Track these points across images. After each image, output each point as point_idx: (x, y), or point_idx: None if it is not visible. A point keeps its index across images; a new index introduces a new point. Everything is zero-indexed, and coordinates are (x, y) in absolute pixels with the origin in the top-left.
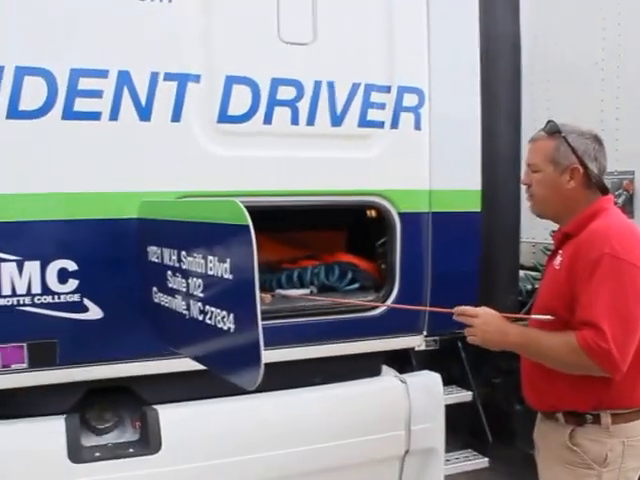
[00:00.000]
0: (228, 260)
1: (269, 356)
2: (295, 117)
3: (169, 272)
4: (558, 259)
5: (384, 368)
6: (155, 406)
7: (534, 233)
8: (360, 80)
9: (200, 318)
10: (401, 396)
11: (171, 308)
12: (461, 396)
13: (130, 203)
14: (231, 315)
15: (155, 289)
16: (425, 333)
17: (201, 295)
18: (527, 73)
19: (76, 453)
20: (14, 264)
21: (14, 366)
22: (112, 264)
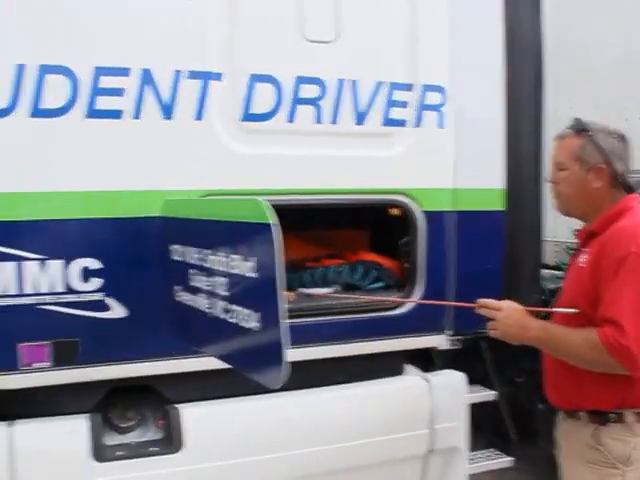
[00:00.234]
0: (252, 259)
1: (292, 355)
2: (318, 115)
3: (192, 271)
4: (583, 257)
5: (407, 367)
6: (178, 405)
7: (557, 232)
8: (383, 78)
9: (223, 317)
10: (424, 395)
11: (194, 307)
12: (484, 395)
13: (153, 201)
14: (255, 314)
15: (178, 288)
16: (448, 333)
17: (225, 294)
18: (550, 72)
19: (99, 452)
20: (37, 263)
21: (37, 365)
22: (135, 263)
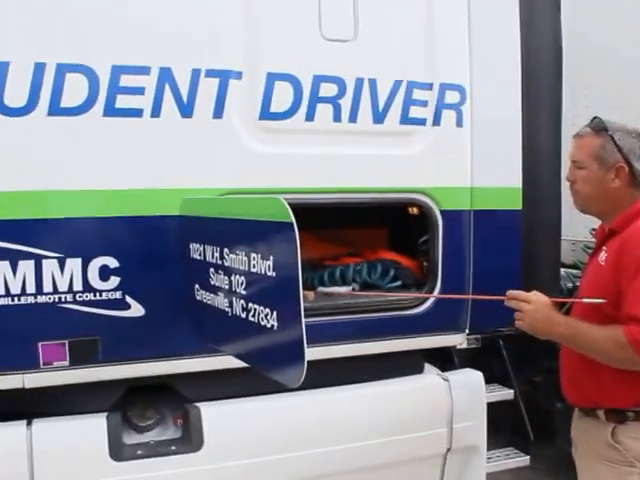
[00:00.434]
0: (271, 257)
1: (311, 354)
2: (337, 114)
3: (211, 269)
4: (602, 255)
5: (426, 366)
6: (197, 404)
7: (574, 231)
8: (402, 77)
9: (243, 315)
10: (443, 394)
11: (213, 305)
12: (503, 394)
13: (172, 200)
14: (274, 312)
15: (197, 286)
16: (467, 331)
17: (244, 292)
18: (567, 70)
19: (118, 451)
20: (56, 261)
21: (56, 363)
22: (154, 261)
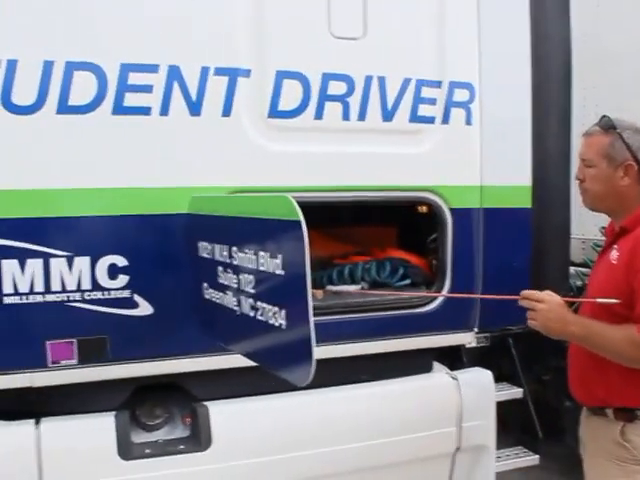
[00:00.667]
0: (280, 256)
1: (320, 352)
2: (346, 112)
3: (220, 268)
4: (614, 253)
5: (435, 365)
6: (205, 402)
7: (584, 229)
8: (411, 75)
9: (251, 314)
10: (452, 393)
11: (222, 304)
12: (512, 393)
13: (180, 198)
14: (283, 311)
15: (206, 285)
16: (476, 330)
17: (252, 291)
18: (577, 70)
19: (126, 450)
20: (64, 260)
21: (64, 362)
22: (162, 260)
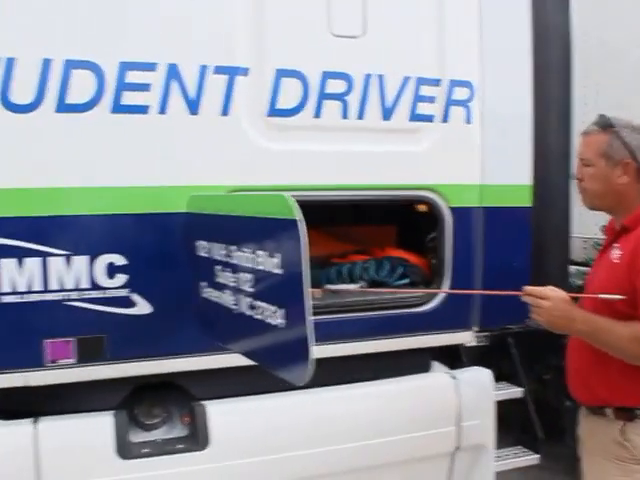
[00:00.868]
0: (278, 255)
1: (318, 352)
2: (345, 111)
3: (218, 267)
4: (616, 252)
5: (434, 364)
6: (204, 402)
7: (584, 228)
8: (410, 73)
9: (249, 313)
10: (451, 392)
11: (220, 303)
12: (511, 392)
13: (179, 197)
14: (281, 310)
15: (204, 284)
16: (475, 329)
17: (250, 290)
18: (578, 67)
19: (124, 449)
20: (62, 259)
21: (62, 361)
22: (161, 259)
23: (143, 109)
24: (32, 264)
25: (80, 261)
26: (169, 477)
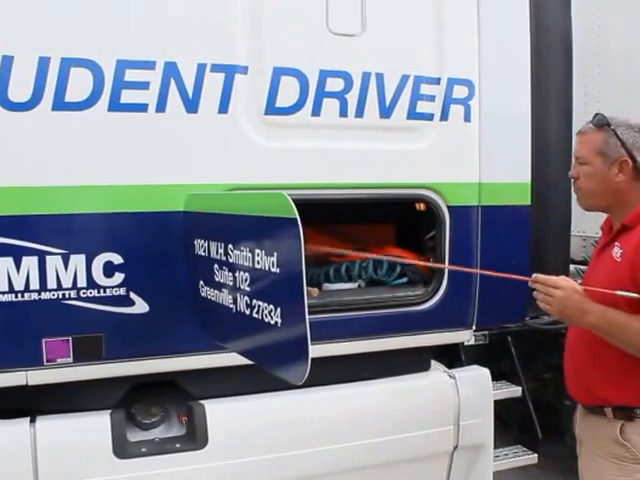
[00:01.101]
0: (275, 253)
1: (316, 351)
2: (344, 109)
3: (216, 265)
4: (617, 251)
5: (433, 363)
6: (202, 401)
7: (584, 227)
8: (409, 72)
9: (247, 312)
10: (450, 391)
11: (218, 302)
12: (511, 391)
13: (176, 196)
14: (278, 309)
15: (202, 283)
16: (474, 328)
17: (248, 289)
18: (578, 66)
19: (122, 448)
20: (60, 257)
21: (59, 360)
22: (158, 257)
23: (141, 107)
24: (30, 263)
25: (78, 260)
26: (167, 476)
